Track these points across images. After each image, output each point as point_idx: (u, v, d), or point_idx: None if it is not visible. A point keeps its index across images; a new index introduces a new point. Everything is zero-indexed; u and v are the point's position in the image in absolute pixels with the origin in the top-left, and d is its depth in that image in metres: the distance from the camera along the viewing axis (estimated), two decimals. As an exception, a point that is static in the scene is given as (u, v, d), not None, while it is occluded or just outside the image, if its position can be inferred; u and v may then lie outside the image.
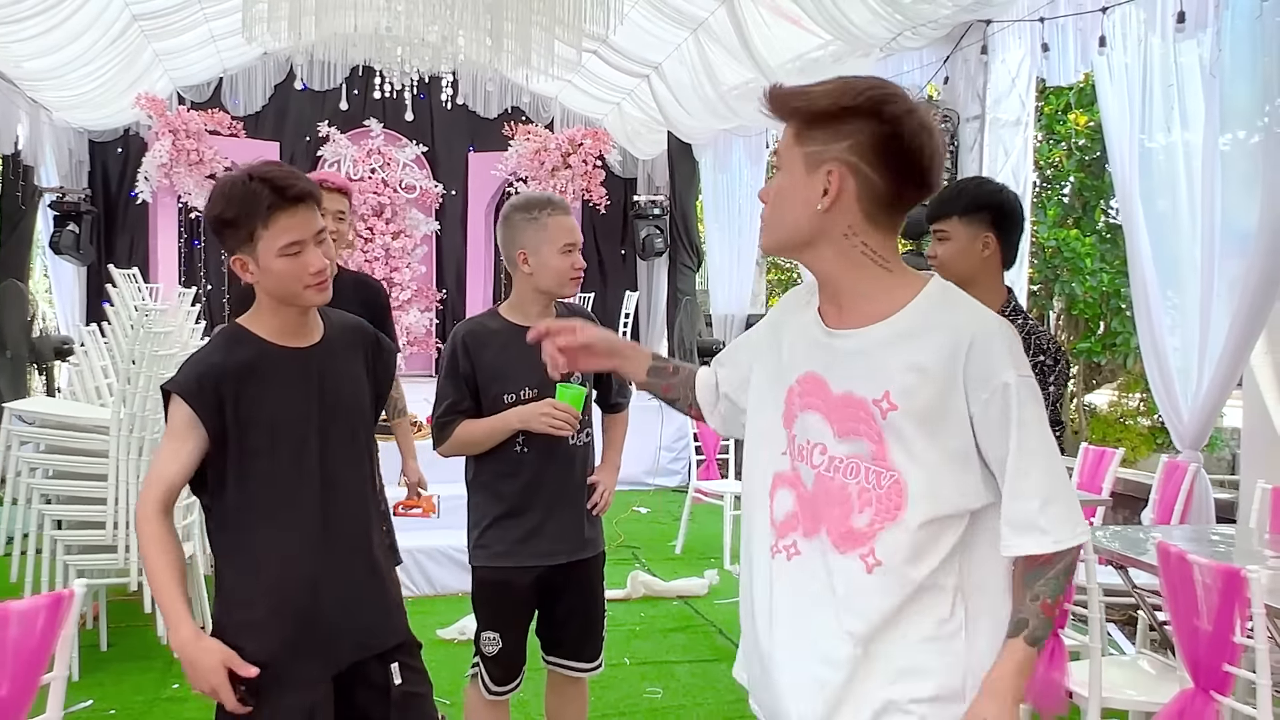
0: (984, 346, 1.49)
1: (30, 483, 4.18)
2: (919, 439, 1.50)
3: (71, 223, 8.98)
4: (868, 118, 1.48)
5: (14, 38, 6.97)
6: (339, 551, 2.16)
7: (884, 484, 1.52)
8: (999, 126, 5.94)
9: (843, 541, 1.54)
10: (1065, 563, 1.52)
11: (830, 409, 1.57)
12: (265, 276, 2.07)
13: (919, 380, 1.50)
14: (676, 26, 8.02)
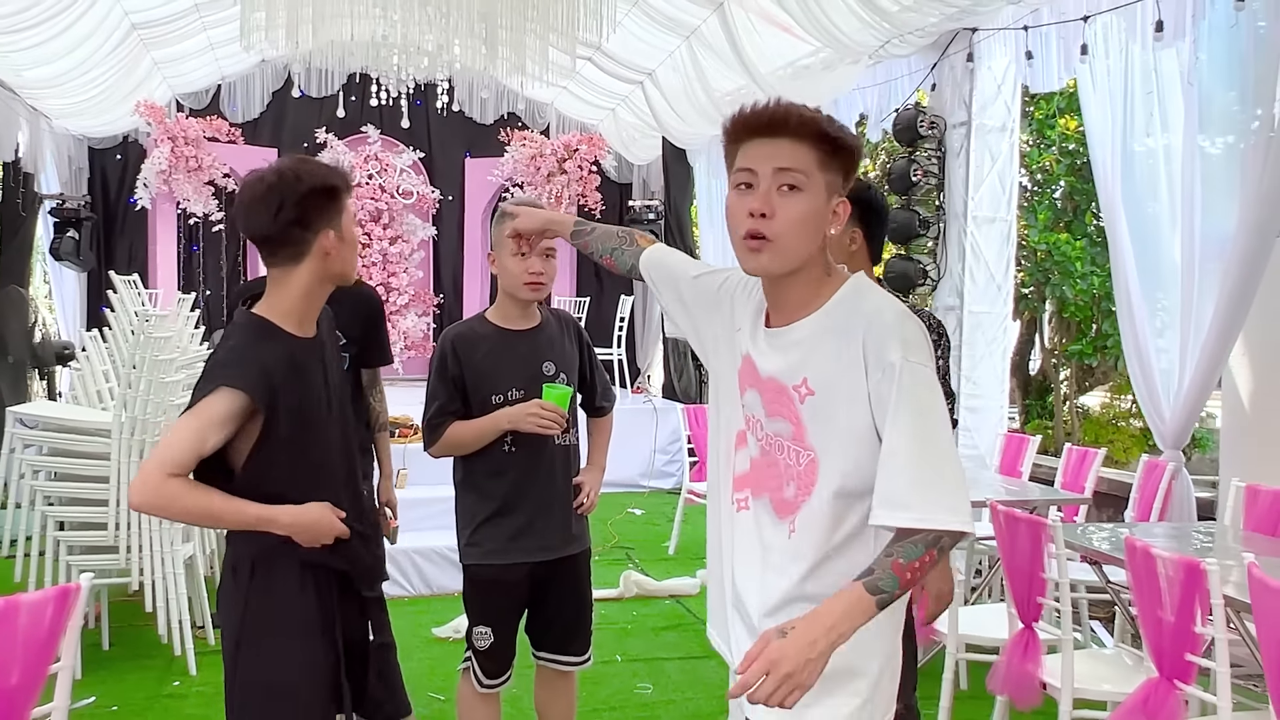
0: (879, 330, 1.59)
1: (33, 485, 4.26)
2: (830, 420, 1.62)
3: (71, 229, 9.06)
4: (851, 153, 1.66)
5: (14, 47, 7.06)
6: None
7: (802, 462, 1.65)
8: (985, 132, 6.05)
9: (779, 508, 1.69)
10: (929, 537, 1.52)
11: (762, 390, 1.72)
12: (344, 248, 2.24)
13: (830, 367, 1.62)
14: (669, 34, 8.12)
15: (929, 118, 6.08)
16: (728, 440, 1.82)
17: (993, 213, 6.08)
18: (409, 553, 5.33)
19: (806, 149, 1.62)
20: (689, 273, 1.97)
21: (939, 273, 6.16)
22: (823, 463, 1.63)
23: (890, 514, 1.54)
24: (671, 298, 1.99)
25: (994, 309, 6.09)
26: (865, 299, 1.67)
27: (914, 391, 1.55)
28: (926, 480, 1.53)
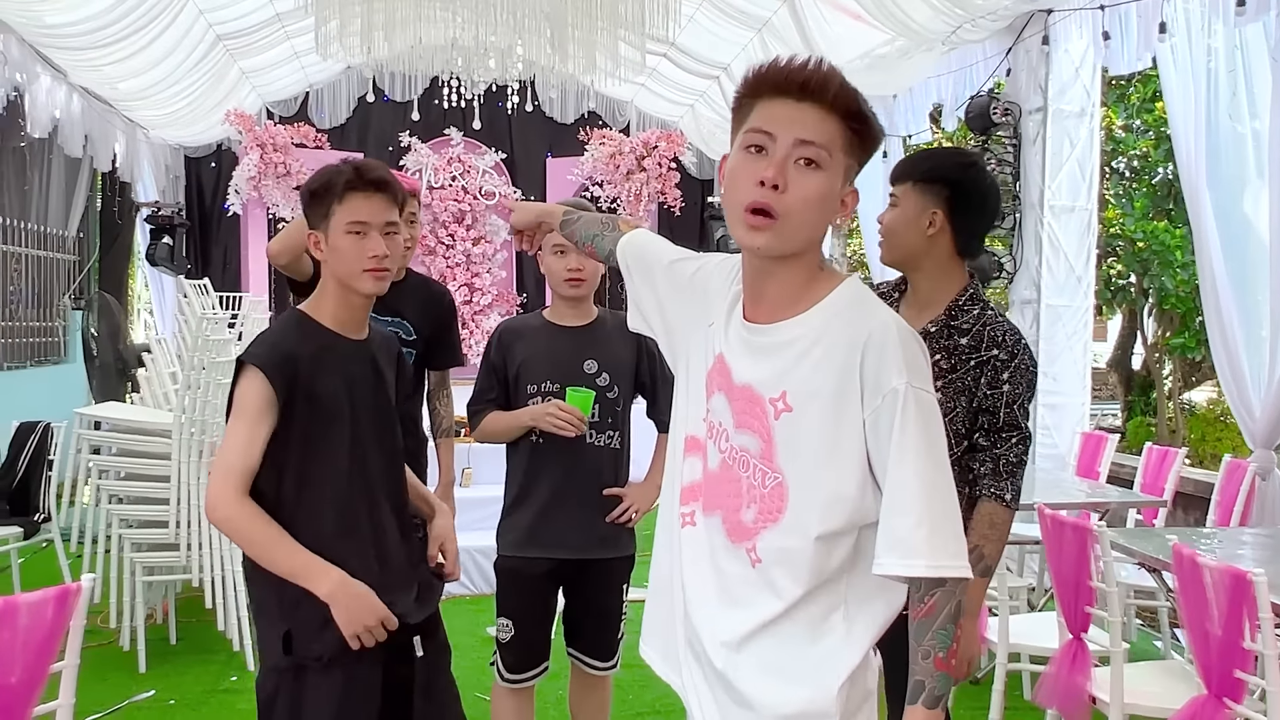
0: (879, 350, 1.42)
1: (100, 484, 4.40)
2: (809, 444, 1.45)
3: (166, 235, 9.37)
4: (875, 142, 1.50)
5: (106, 60, 7.32)
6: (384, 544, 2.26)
7: (768, 484, 1.48)
8: (1063, 118, 5.82)
9: (733, 532, 1.52)
10: (948, 610, 1.40)
11: (732, 397, 1.53)
12: (331, 254, 2.21)
13: (817, 382, 1.44)
14: (741, 27, 8.01)
15: (1003, 104, 5.86)
16: (678, 444, 1.65)
17: (1071, 201, 5.83)
18: (470, 551, 5.35)
19: (836, 124, 1.44)
20: (665, 258, 1.80)
21: (1015, 265, 5.94)
22: (792, 490, 1.46)
23: (902, 563, 1.39)
24: (643, 283, 1.82)
25: (1074, 302, 5.84)
26: (867, 308, 1.48)
27: (921, 423, 1.40)
28: (936, 525, 1.39)
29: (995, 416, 2.21)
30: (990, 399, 2.21)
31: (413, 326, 3.18)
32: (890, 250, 2.33)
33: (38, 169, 8.54)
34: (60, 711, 2.16)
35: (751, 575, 1.49)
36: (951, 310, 2.26)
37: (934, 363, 2.20)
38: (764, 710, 1.48)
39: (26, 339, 8.36)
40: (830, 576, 1.46)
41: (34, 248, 8.46)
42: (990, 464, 2.20)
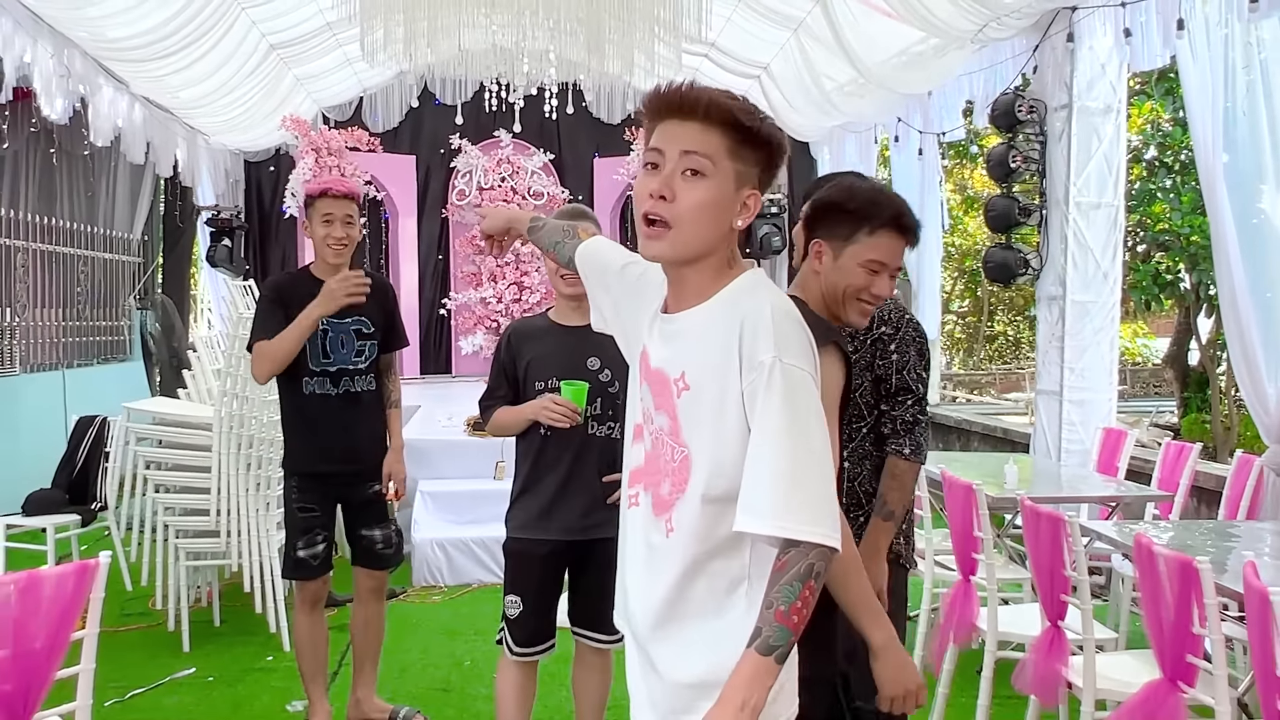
0: (753, 327, 1.52)
1: (146, 474, 4.68)
2: (705, 419, 1.55)
3: (226, 237, 9.73)
4: (776, 152, 1.60)
5: (165, 71, 7.65)
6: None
7: (676, 459, 1.59)
8: (1089, 114, 5.82)
9: (657, 505, 1.63)
10: (797, 569, 1.44)
11: (651, 381, 1.66)
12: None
13: (706, 362, 1.56)
14: (777, 27, 8.11)
15: (1027, 102, 5.89)
16: (628, 432, 1.77)
17: (1098, 197, 5.84)
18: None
19: (717, 135, 1.54)
20: (617, 263, 1.91)
21: (1041, 261, 5.96)
22: (694, 462, 1.56)
23: (749, 520, 1.47)
24: (599, 288, 1.94)
25: (1100, 298, 5.85)
26: (752, 294, 1.58)
27: (785, 393, 1.48)
28: (788, 488, 1.45)
29: (889, 383, 2.58)
30: (883, 368, 2.58)
31: (371, 321, 3.63)
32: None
33: (103, 176, 8.95)
34: (81, 676, 2.39)
35: (666, 544, 1.60)
36: None
37: None
38: (667, 676, 1.61)
39: (93, 338, 8.78)
40: (724, 544, 1.55)
41: (100, 251, 8.87)
42: (890, 425, 2.56)
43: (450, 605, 5.34)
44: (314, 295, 3.43)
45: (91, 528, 5.66)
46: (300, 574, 3.62)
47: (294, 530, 3.62)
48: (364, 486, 3.67)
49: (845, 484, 2.56)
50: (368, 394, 3.64)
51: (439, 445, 6.37)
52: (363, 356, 3.61)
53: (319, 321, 3.43)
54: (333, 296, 3.37)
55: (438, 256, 11.46)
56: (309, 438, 3.58)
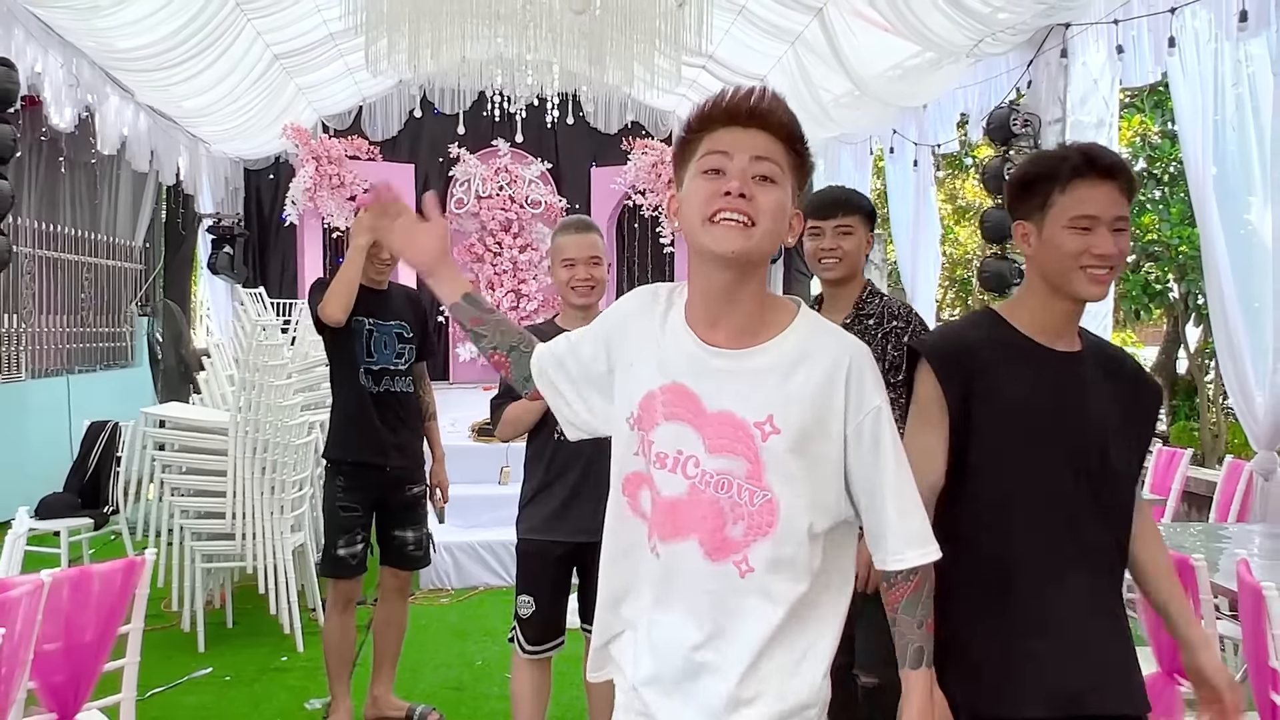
0: (859, 372, 1.55)
1: (163, 477, 4.77)
2: (795, 460, 1.53)
3: (226, 245, 9.82)
4: (807, 170, 1.59)
5: (171, 80, 7.76)
6: None
7: (756, 502, 1.54)
8: (1082, 128, 5.95)
9: (715, 551, 1.55)
10: (929, 582, 1.61)
11: (704, 424, 1.56)
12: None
13: (802, 405, 1.53)
14: (775, 40, 8.25)
15: (1022, 116, 6.03)
16: (618, 481, 1.69)
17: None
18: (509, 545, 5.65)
19: (781, 147, 1.54)
20: (564, 345, 1.79)
21: (1035, 272, 6.09)
22: (783, 502, 1.53)
23: (922, 553, 1.58)
24: (566, 383, 1.77)
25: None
26: (833, 332, 1.61)
27: (894, 433, 1.57)
28: (923, 517, 1.60)
29: (898, 372, 2.73)
30: (896, 358, 2.81)
31: (410, 326, 3.83)
32: (846, 269, 2.96)
33: (106, 183, 9.03)
34: (127, 669, 2.49)
35: (741, 584, 1.55)
36: (858, 304, 2.97)
37: None
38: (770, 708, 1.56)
39: (96, 344, 8.85)
40: (822, 576, 1.58)
41: (103, 258, 8.94)
42: (899, 410, 2.56)
43: (458, 608, 5.43)
44: (360, 299, 3.60)
45: (102, 531, 5.74)
46: (339, 573, 3.71)
47: (334, 529, 3.71)
48: (404, 487, 3.80)
49: None
50: (406, 395, 3.81)
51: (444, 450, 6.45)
52: (403, 359, 3.77)
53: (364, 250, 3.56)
54: (360, 225, 3.56)
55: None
56: (360, 427, 3.70)
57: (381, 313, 3.72)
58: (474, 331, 1.83)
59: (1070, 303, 1.88)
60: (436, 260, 1.82)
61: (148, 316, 9.58)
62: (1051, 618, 1.82)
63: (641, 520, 1.63)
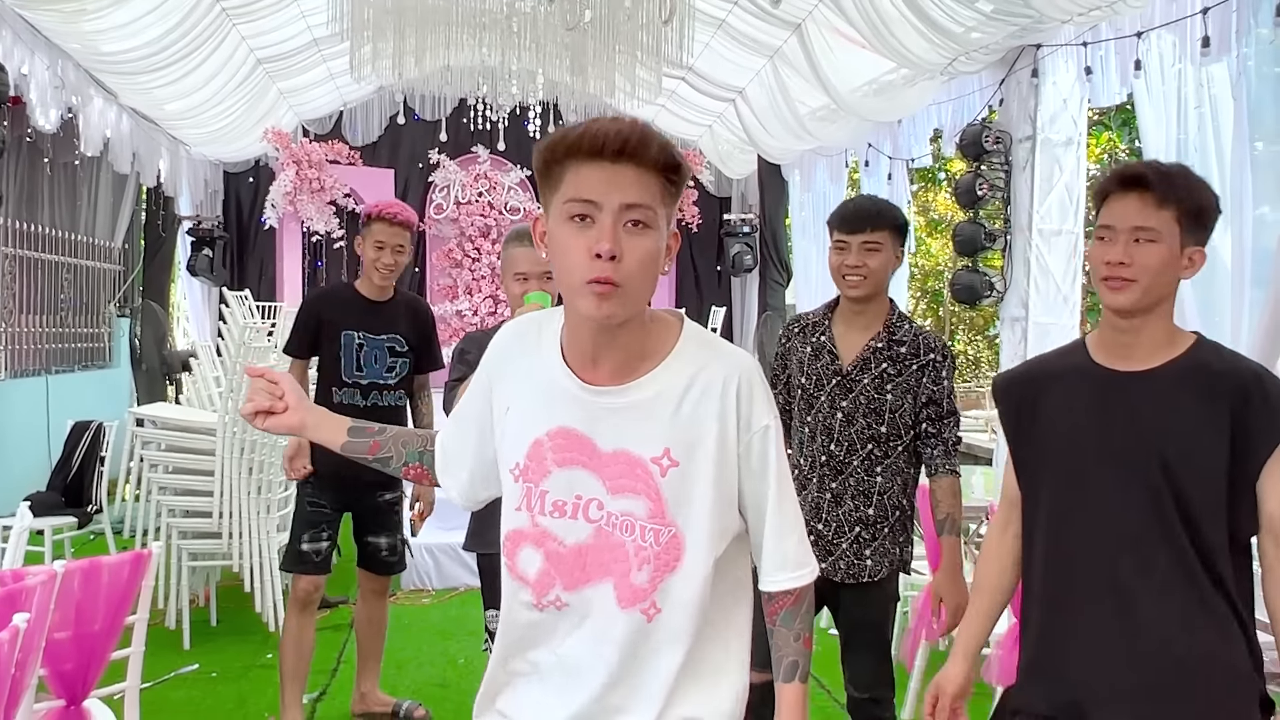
0: (749, 390, 1.51)
1: (151, 477, 4.84)
2: (697, 490, 1.49)
3: (206, 247, 9.85)
4: (685, 180, 1.48)
5: (156, 84, 7.80)
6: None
7: (662, 540, 1.50)
8: (1051, 146, 6.14)
9: (624, 599, 1.51)
10: (809, 600, 1.60)
11: (600, 466, 1.51)
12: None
13: (697, 432, 1.49)
14: (754, 54, 8.40)
15: (994, 133, 6.20)
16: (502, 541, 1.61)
17: (1059, 225, 6.16)
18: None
19: (654, 179, 1.42)
20: (452, 425, 1.73)
21: (1005, 284, 6.27)
22: (688, 537, 1.50)
23: (795, 576, 1.57)
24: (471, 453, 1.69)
25: (1060, 320, 6.17)
26: (719, 349, 1.54)
27: (781, 452, 1.55)
28: (800, 537, 1.58)
29: (940, 406, 2.76)
30: (935, 392, 2.75)
31: (405, 339, 3.79)
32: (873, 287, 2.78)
33: (87, 184, 9.04)
34: (132, 658, 2.57)
35: (648, 628, 1.51)
36: (889, 327, 2.81)
37: (882, 370, 2.77)
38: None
39: (74, 344, 8.85)
40: (716, 607, 1.55)
41: (82, 258, 8.95)
42: (941, 446, 2.77)
43: (440, 608, 5.53)
44: (350, 309, 3.67)
45: (86, 530, 5.78)
46: (299, 567, 3.71)
47: (301, 522, 3.72)
48: (375, 494, 3.79)
49: (876, 497, 2.78)
50: (393, 409, 3.80)
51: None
52: (393, 373, 3.76)
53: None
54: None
55: (414, 269, 11.61)
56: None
57: (375, 326, 3.72)
58: (377, 459, 1.75)
59: (1114, 316, 1.92)
60: (302, 415, 1.73)
61: (127, 317, 9.59)
62: (1079, 630, 1.92)
63: (520, 583, 1.57)
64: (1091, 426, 1.94)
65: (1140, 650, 1.87)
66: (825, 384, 2.80)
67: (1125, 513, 1.90)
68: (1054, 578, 1.98)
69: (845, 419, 2.77)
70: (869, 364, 2.77)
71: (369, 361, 3.71)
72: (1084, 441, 1.95)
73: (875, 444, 2.77)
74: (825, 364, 2.81)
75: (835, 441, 2.78)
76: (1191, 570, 1.86)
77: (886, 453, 2.77)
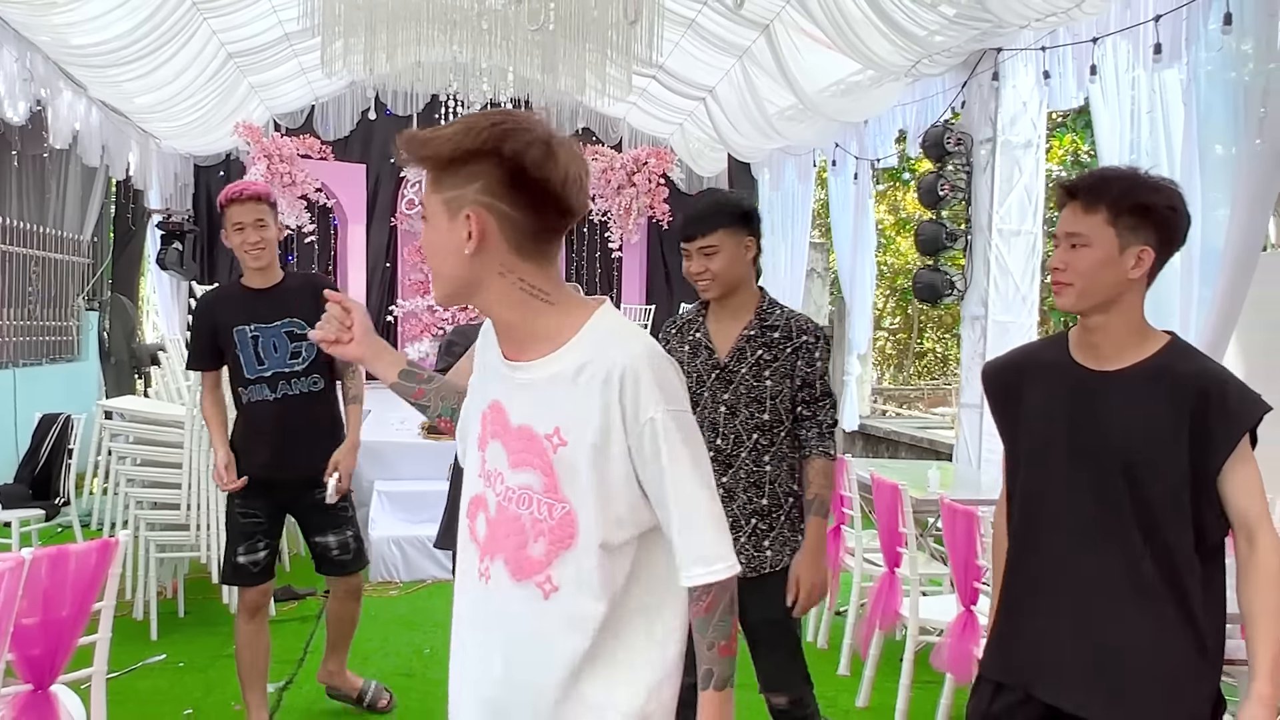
0: (633, 382, 1.49)
1: (119, 469, 4.87)
2: (586, 471, 1.51)
3: (176, 241, 9.83)
4: (490, 157, 1.47)
5: (126, 77, 7.80)
6: None
7: (556, 515, 1.53)
8: (1011, 148, 6.27)
9: (518, 570, 1.56)
10: (725, 601, 1.53)
11: (509, 439, 1.58)
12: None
13: (583, 416, 1.51)
14: (723, 54, 8.50)
15: (955, 135, 6.32)
16: (466, 506, 1.68)
17: (1019, 225, 6.29)
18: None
19: (426, 175, 1.54)
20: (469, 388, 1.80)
21: (965, 283, 6.39)
22: (581, 514, 1.52)
23: (708, 571, 1.51)
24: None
25: (1019, 319, 6.30)
26: (618, 339, 1.54)
27: (684, 441, 1.51)
28: (717, 531, 1.53)
29: (814, 388, 2.77)
30: (809, 374, 2.77)
31: (305, 321, 3.50)
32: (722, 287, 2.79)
33: (56, 177, 9.01)
34: (99, 644, 2.63)
35: (545, 606, 1.54)
36: (760, 314, 2.81)
37: (758, 357, 2.78)
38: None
39: (42, 337, 8.83)
40: (622, 586, 1.55)
41: (51, 251, 8.93)
42: (816, 428, 2.78)
43: (407, 599, 5.59)
44: (242, 307, 3.53)
45: (54, 522, 5.80)
46: (238, 580, 3.62)
47: (234, 534, 3.60)
48: (310, 492, 3.59)
49: (768, 486, 2.77)
50: (309, 396, 3.58)
51: (394, 447, 6.61)
52: (299, 358, 3.56)
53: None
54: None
55: (385, 264, 11.64)
56: (251, 445, 3.57)
57: (266, 314, 3.52)
58: (417, 404, 1.86)
59: (1081, 316, 2.04)
60: (365, 348, 1.83)
61: (95, 310, 9.58)
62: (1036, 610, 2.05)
63: (474, 544, 1.64)
64: (1062, 421, 2.04)
65: (1087, 637, 1.98)
66: (706, 380, 2.80)
67: (1085, 507, 2.00)
68: (1019, 559, 2.12)
69: (729, 412, 2.77)
70: (744, 353, 2.77)
71: (268, 352, 3.53)
72: (1054, 435, 2.05)
73: (760, 433, 2.77)
74: (704, 360, 2.81)
75: (721, 436, 2.77)
76: (1143, 567, 1.95)
77: (772, 440, 2.77)
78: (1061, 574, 2.02)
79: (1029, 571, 2.09)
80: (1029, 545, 2.09)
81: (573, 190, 1.50)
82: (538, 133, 1.48)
